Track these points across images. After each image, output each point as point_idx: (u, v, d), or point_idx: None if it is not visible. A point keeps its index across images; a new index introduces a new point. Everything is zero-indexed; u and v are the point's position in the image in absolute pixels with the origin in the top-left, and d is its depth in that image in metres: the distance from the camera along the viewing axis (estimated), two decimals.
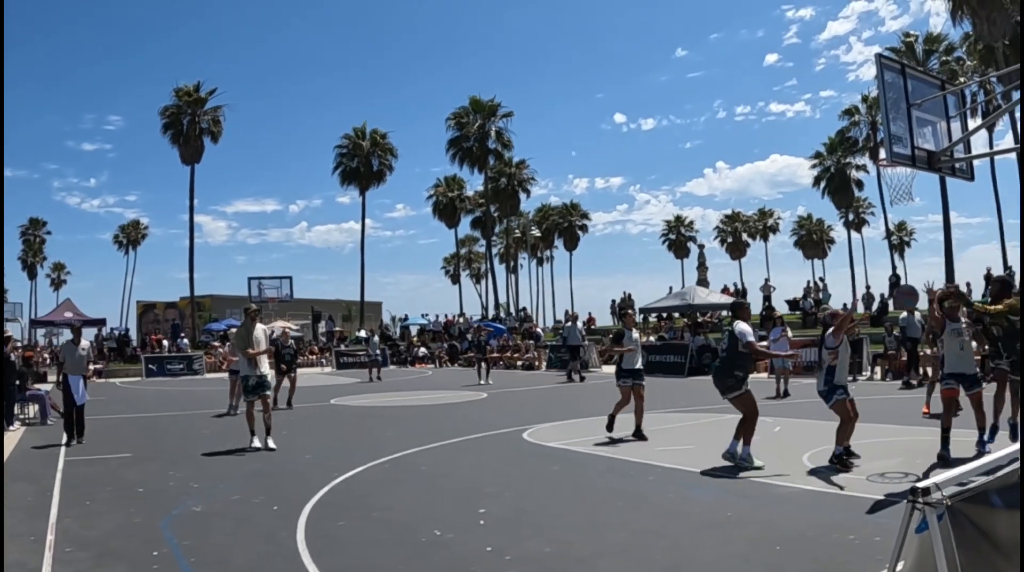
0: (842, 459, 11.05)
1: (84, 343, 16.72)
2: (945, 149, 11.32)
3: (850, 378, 11.97)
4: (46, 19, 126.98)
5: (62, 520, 9.42)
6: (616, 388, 14.82)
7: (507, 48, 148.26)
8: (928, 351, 23.07)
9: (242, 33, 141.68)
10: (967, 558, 3.96)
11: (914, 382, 23.89)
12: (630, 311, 17.84)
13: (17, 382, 20.58)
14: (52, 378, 32.34)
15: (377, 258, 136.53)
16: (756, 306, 43.70)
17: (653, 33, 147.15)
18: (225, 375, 38.20)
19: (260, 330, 15.56)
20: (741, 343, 11.71)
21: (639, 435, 14.23)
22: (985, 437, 11.62)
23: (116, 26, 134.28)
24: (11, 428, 18.71)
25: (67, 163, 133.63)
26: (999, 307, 11.72)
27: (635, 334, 15.11)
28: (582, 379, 31.14)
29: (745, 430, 11.41)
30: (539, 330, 48.46)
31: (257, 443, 14.64)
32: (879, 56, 11.04)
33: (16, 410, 20.30)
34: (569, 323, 35.80)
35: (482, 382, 30.18)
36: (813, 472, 10.85)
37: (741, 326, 11.85)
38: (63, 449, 13.66)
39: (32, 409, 20.61)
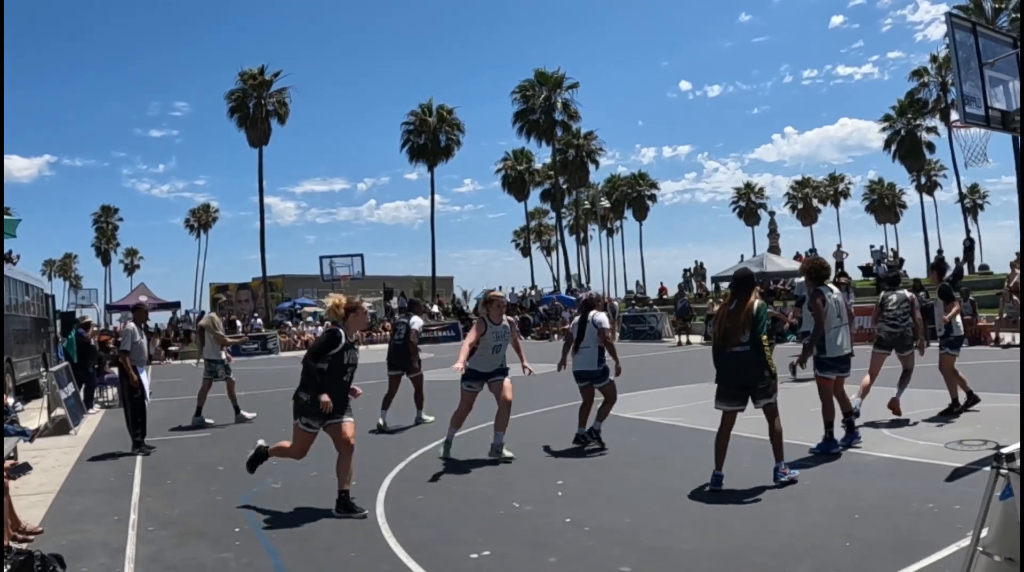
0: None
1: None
2: (1019, 109, 11.04)
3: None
4: (109, 8, 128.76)
5: (144, 499, 9.57)
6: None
7: (571, 19, 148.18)
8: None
9: (304, 14, 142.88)
10: None
11: None
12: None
13: (96, 366, 20.94)
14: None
15: (446, 233, 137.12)
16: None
17: None
18: (301, 353, 38.51)
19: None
20: None
21: None
22: None
23: (178, 12, 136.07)
24: (91, 411, 19.02)
25: (135, 150, 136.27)
26: None
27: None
28: None
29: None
30: (615, 303, 48.21)
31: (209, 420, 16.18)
32: (949, 15, 10.76)
33: (95, 393, 20.66)
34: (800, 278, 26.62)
35: None
36: (893, 440, 10.71)
37: None
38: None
39: (111, 392, 20.92)
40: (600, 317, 11.94)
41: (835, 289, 10.69)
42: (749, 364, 8.82)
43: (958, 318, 12.81)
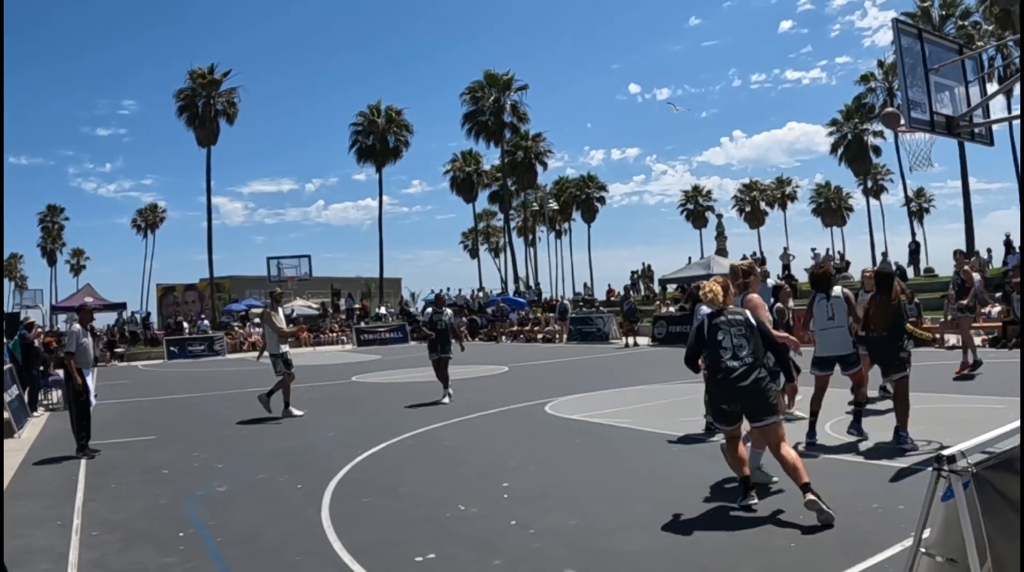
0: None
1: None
2: (964, 114, 11.22)
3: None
4: (56, 4, 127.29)
5: (88, 504, 9.48)
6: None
7: (521, 21, 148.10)
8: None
9: (254, 13, 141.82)
10: (993, 526, 3.93)
11: None
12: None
13: (40, 368, 20.71)
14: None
15: (395, 235, 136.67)
16: (775, 274, 43.58)
17: (667, 2, 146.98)
18: (248, 355, 38.28)
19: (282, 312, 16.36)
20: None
21: None
22: None
23: (128, 9, 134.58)
24: (35, 414, 18.81)
25: (82, 149, 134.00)
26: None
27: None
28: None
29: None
30: (566, 302, 48.36)
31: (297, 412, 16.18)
32: (896, 21, 10.93)
33: (40, 396, 20.43)
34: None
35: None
36: (837, 441, 10.83)
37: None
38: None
39: (55, 395, 20.71)
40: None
41: (836, 290, 10.95)
42: (885, 348, 10.46)
43: None
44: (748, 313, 8.01)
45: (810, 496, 7.19)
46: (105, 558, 7.34)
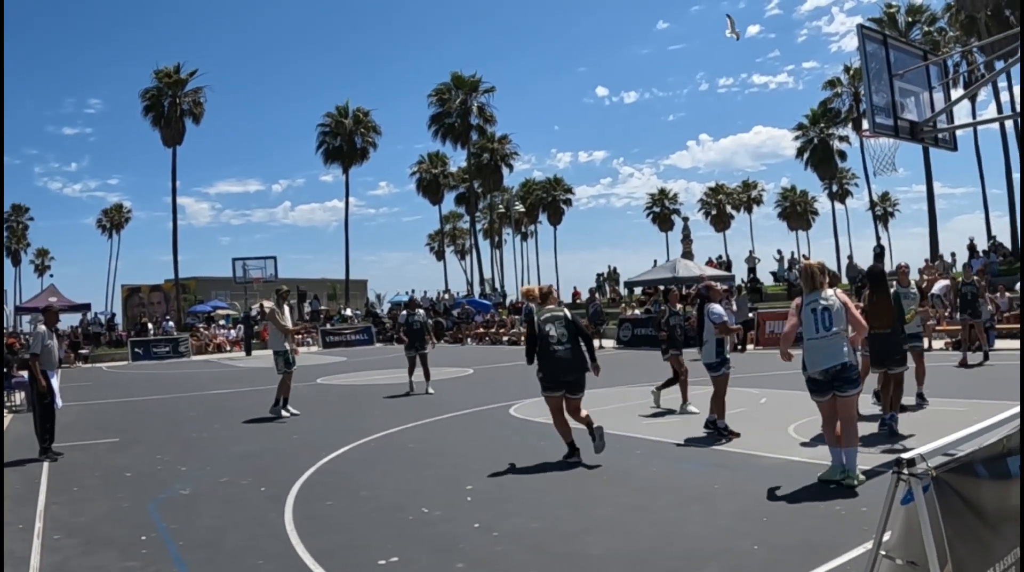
0: (722, 429, 11.73)
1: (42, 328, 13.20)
2: (928, 119, 11.31)
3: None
4: (23, 2, 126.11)
5: (50, 507, 9.40)
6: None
7: (489, 23, 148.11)
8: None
9: (223, 14, 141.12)
10: (953, 529, 3.96)
11: None
12: None
13: (3, 370, 20.50)
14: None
15: (361, 236, 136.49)
16: (740, 278, 43.74)
17: (634, 6, 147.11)
18: (213, 357, 38.08)
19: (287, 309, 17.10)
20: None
21: None
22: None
23: (96, 8, 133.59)
24: None
25: (48, 148, 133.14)
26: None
27: None
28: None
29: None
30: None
31: (294, 410, 16.37)
32: (861, 27, 11.02)
33: (3, 398, 20.20)
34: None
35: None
36: (800, 443, 10.88)
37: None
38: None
39: (19, 396, 20.51)
40: (716, 309, 12.12)
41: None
42: (889, 343, 11.43)
43: None
44: (565, 310, 10.84)
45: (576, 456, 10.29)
46: (67, 562, 7.29)
